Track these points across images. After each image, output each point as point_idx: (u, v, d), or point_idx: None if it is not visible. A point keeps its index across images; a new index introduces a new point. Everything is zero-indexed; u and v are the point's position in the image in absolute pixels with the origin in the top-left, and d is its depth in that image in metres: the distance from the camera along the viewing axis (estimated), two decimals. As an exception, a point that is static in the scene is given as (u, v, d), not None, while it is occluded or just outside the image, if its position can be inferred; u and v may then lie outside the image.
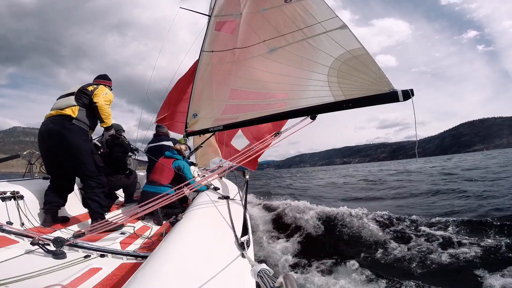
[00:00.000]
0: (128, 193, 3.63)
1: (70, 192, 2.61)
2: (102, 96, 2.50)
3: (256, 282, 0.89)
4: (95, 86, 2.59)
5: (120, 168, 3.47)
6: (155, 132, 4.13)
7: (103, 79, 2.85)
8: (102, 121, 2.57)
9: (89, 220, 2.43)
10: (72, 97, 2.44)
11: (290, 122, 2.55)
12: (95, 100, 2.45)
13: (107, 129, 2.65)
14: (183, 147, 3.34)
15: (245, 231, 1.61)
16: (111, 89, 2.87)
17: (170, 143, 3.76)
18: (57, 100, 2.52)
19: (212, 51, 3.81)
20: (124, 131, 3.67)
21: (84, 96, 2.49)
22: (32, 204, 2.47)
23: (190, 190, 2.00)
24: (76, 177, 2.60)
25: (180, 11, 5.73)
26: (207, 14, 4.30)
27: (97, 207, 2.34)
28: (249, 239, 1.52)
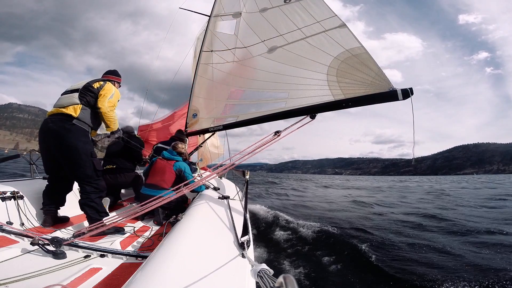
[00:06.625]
0: (137, 190, 3.66)
1: (68, 192, 2.56)
2: (107, 101, 2.38)
3: (256, 282, 0.89)
4: (102, 83, 2.46)
5: (136, 157, 3.71)
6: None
7: (112, 75, 2.74)
8: (107, 126, 2.53)
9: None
10: (76, 94, 2.31)
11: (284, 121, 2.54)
12: (99, 106, 2.36)
13: (112, 133, 2.61)
14: (183, 146, 3.28)
15: (245, 231, 1.61)
16: (119, 86, 2.79)
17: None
18: (61, 95, 2.40)
19: (212, 51, 3.80)
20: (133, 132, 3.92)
21: (89, 94, 2.36)
22: (32, 204, 2.47)
23: (188, 189, 2.00)
24: None
25: (180, 11, 5.72)
26: (207, 14, 4.29)
27: (93, 212, 2.25)
28: (249, 239, 1.52)
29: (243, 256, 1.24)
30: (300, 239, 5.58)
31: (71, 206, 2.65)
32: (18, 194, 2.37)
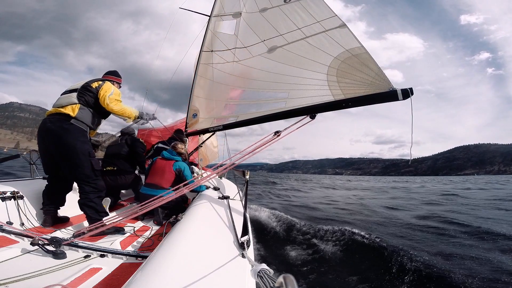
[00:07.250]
0: (137, 190, 3.66)
1: (67, 192, 2.55)
2: (108, 98, 2.38)
3: (256, 282, 0.89)
4: (100, 82, 2.46)
5: (140, 163, 3.69)
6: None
7: (112, 75, 2.75)
8: (125, 119, 2.60)
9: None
10: (75, 94, 2.32)
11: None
12: (103, 105, 2.39)
13: (135, 121, 2.71)
14: (182, 146, 3.29)
15: (245, 231, 1.61)
16: (119, 86, 2.80)
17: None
18: (60, 95, 2.40)
19: (212, 51, 3.81)
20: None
21: (87, 94, 2.36)
22: (32, 204, 2.47)
23: (187, 189, 2.00)
24: None
25: (180, 11, 5.72)
26: (207, 14, 4.29)
27: (93, 212, 2.24)
28: (249, 239, 1.52)
29: (243, 256, 1.24)
30: (317, 253, 4.89)
31: (71, 206, 2.65)
32: (18, 194, 2.37)
